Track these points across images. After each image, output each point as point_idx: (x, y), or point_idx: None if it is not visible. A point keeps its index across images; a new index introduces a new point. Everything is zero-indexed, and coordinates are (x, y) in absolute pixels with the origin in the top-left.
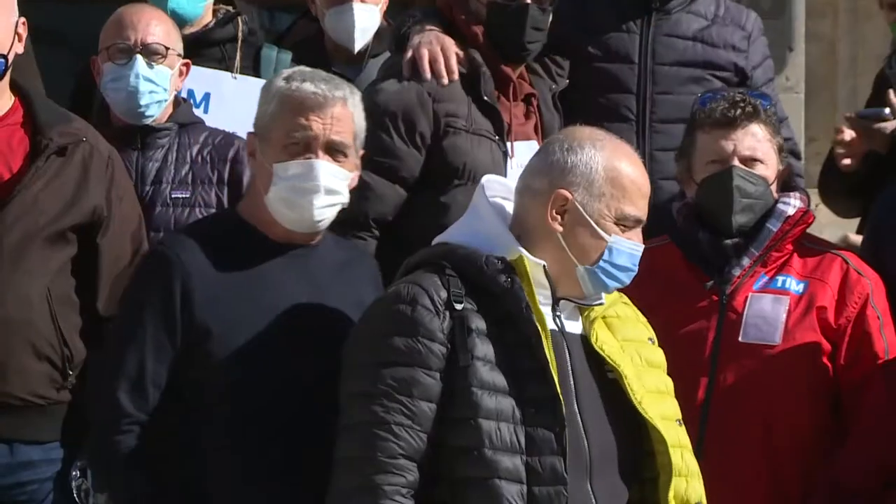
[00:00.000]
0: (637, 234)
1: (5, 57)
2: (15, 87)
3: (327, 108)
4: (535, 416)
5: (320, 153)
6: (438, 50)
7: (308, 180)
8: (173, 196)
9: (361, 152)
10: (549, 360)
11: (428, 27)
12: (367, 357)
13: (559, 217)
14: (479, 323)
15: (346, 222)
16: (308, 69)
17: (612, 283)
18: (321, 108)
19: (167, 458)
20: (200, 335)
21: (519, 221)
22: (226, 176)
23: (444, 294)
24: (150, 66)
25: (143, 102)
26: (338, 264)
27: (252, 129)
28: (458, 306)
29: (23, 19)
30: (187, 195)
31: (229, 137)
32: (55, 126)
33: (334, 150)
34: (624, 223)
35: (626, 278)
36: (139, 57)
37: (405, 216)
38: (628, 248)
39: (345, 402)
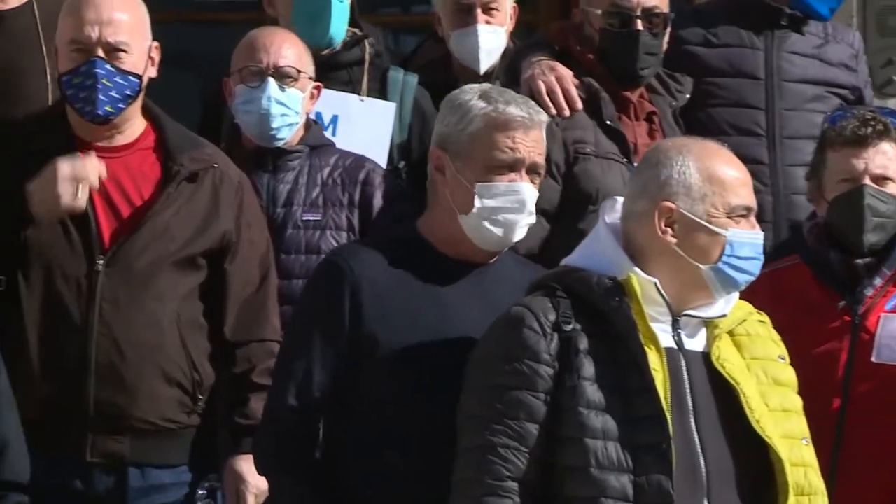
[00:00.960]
0: (751, 222)
1: (140, 77)
2: (147, 112)
3: (531, 130)
4: (642, 434)
5: (524, 175)
6: (553, 80)
7: (515, 201)
8: (304, 218)
9: None
10: (657, 377)
11: (538, 57)
12: (478, 380)
13: (669, 229)
14: (587, 343)
15: None
16: (499, 88)
17: (741, 277)
18: (526, 131)
19: (323, 463)
20: (367, 346)
21: (630, 245)
22: (356, 198)
23: (552, 316)
24: (282, 89)
25: (274, 125)
26: (514, 283)
27: (437, 145)
28: (567, 327)
29: (156, 44)
30: (318, 217)
31: (360, 160)
32: (186, 151)
33: (533, 172)
34: (735, 214)
35: (755, 268)
36: (271, 80)
37: (545, 243)
38: (749, 238)
39: (460, 425)
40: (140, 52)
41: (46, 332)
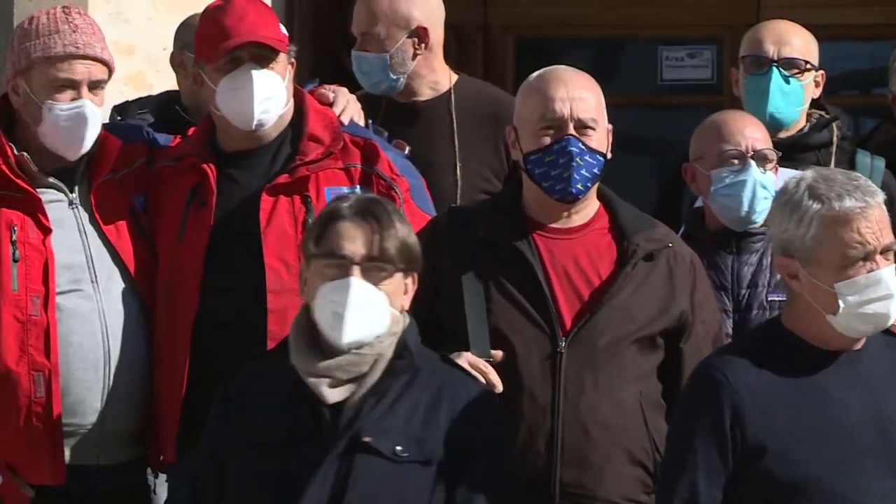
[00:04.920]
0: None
1: (604, 155)
2: (599, 193)
3: (871, 213)
4: None
5: (878, 259)
6: None
7: (879, 289)
8: (770, 299)
9: None
10: None
11: None
12: None
13: None
14: None
15: None
16: (824, 174)
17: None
18: (867, 217)
19: None
20: (755, 453)
21: None
22: None
23: None
24: (763, 171)
25: (758, 209)
26: (890, 364)
27: (783, 253)
28: None
29: (610, 126)
30: (783, 298)
31: None
32: (640, 232)
33: (887, 251)
34: None
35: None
36: (753, 163)
37: None
38: None
39: None
40: (602, 132)
41: (514, 414)
